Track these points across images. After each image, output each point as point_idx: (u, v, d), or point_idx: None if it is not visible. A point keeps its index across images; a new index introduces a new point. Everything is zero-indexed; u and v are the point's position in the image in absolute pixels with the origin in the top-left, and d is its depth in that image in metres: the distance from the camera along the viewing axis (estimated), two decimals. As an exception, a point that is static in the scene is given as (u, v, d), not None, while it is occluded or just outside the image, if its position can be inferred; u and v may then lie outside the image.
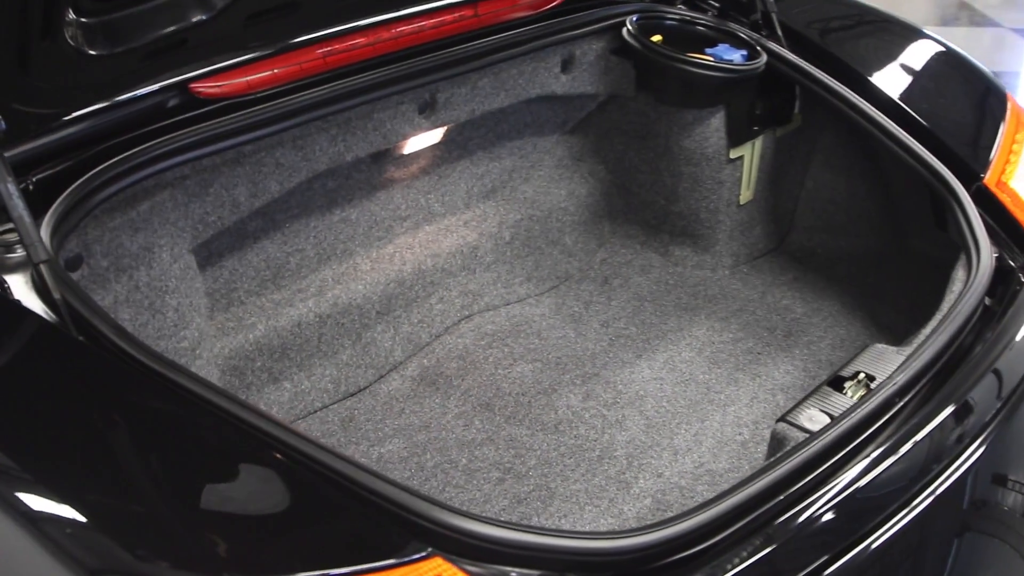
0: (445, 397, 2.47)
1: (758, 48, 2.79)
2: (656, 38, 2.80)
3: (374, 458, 2.29)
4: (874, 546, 1.62)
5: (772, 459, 1.69)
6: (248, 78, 2.18)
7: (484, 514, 2.07)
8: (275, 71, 2.22)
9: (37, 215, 1.78)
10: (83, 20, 1.77)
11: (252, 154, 2.15)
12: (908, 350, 2.00)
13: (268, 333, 2.35)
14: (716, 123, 2.82)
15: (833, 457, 1.68)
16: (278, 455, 1.48)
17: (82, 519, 1.32)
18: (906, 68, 2.74)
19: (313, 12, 2.29)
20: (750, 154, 2.93)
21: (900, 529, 1.69)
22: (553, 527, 2.07)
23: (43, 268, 1.64)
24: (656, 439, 2.34)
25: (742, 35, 2.85)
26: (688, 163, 2.88)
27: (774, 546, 1.54)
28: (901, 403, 1.81)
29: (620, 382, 2.52)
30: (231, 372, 2.29)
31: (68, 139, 1.94)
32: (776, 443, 1.87)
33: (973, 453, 1.81)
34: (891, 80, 2.63)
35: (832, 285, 2.91)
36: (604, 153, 3.04)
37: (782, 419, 1.88)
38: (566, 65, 2.74)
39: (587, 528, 2.12)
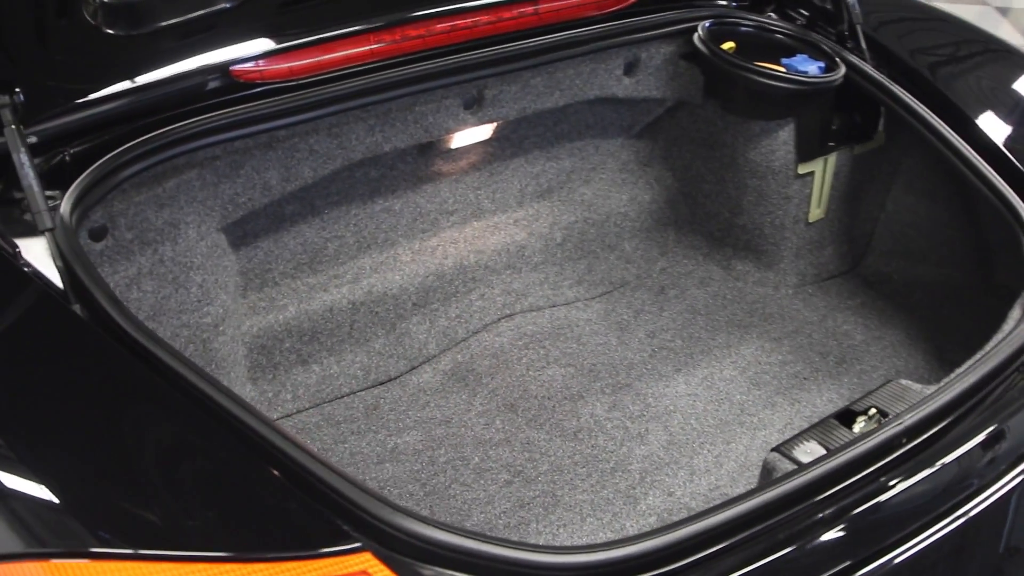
0: (472, 394, 2.46)
1: (837, 60, 2.68)
2: (728, 45, 2.71)
3: (389, 448, 2.30)
4: None
5: (747, 491, 1.61)
6: (291, 64, 2.22)
7: (473, 514, 2.06)
8: (319, 59, 2.25)
9: (67, 186, 1.87)
10: (104, 0, 1.83)
11: (286, 139, 2.19)
12: (932, 388, 1.88)
13: (299, 315, 2.39)
14: (784, 136, 2.72)
15: (820, 494, 1.60)
16: (234, 434, 1.50)
17: (25, 484, 1.37)
18: (1005, 98, 2.58)
19: (364, 1, 2.31)
20: (822, 170, 2.81)
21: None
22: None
23: (47, 236, 1.71)
24: (675, 456, 2.27)
25: (824, 46, 2.74)
26: (753, 176, 2.78)
27: None
28: (909, 444, 1.70)
29: (651, 395, 2.46)
30: (258, 351, 2.34)
31: (108, 114, 2.02)
32: (765, 473, 1.79)
33: (978, 506, 1.69)
34: (985, 110, 2.48)
35: (901, 314, 2.77)
36: (672, 160, 2.97)
37: (776, 448, 1.79)
38: (630, 68, 2.68)
39: (584, 540, 2.08)
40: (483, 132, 2.60)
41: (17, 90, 1.75)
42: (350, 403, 2.44)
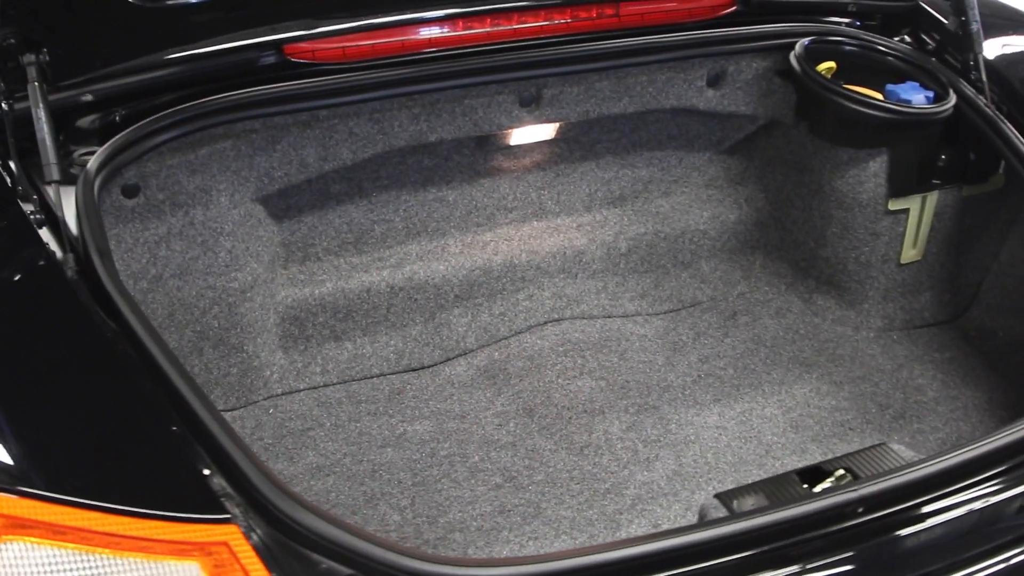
0: (496, 393, 2.44)
1: (949, 91, 2.45)
2: (827, 65, 2.54)
3: (397, 434, 2.32)
4: None
5: (651, 534, 1.53)
6: (345, 46, 2.27)
7: (451, 511, 2.04)
8: (374, 43, 2.29)
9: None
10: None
11: (326, 120, 2.24)
12: (919, 459, 1.71)
13: (335, 292, 2.44)
14: (875, 167, 2.52)
15: (736, 553, 1.50)
16: (151, 391, 1.57)
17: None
18: None
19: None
20: (919, 209, 2.58)
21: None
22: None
23: (50, 189, 1.83)
24: (676, 488, 2.17)
25: (940, 75, 2.51)
26: (839, 206, 2.59)
27: None
28: (861, 517, 1.56)
29: (676, 421, 2.35)
30: (291, 321, 2.42)
31: (162, 80, 2.14)
32: (700, 517, 1.68)
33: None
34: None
35: (991, 375, 2.51)
36: (766, 181, 2.81)
37: (719, 495, 1.68)
38: (716, 80, 2.57)
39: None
40: (546, 131, 2.56)
41: (44, 50, 1.88)
42: (377, 384, 2.48)
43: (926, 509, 1.59)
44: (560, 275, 2.66)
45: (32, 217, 1.83)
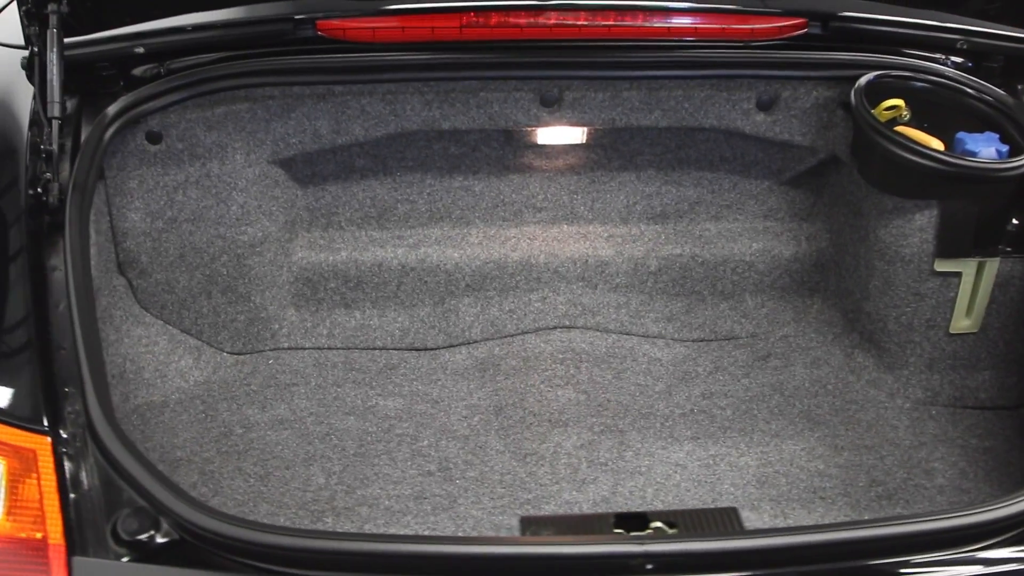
0: (479, 386, 2.45)
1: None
2: (892, 102, 2.31)
3: (367, 406, 2.38)
4: None
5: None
6: (375, 27, 2.35)
7: (372, 486, 2.13)
8: (404, 28, 2.35)
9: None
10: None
11: (340, 95, 2.34)
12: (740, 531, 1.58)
13: (348, 262, 2.55)
14: (921, 221, 2.27)
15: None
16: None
17: None
18: None
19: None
20: (973, 274, 2.30)
21: None
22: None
23: (52, 123, 2.06)
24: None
25: None
26: (881, 258, 2.36)
27: None
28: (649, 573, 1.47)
29: (635, 450, 2.25)
30: (303, 281, 2.55)
31: (205, 41, 2.33)
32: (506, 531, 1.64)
33: None
34: None
35: None
36: (833, 220, 2.60)
37: (525, 518, 1.63)
38: (768, 105, 2.41)
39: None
40: (575, 134, 2.51)
41: (64, 1, 2.11)
42: (376, 356, 2.56)
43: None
44: (579, 283, 2.61)
45: (42, 149, 2.07)
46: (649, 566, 1.47)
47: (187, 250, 2.42)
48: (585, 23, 2.36)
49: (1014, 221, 2.26)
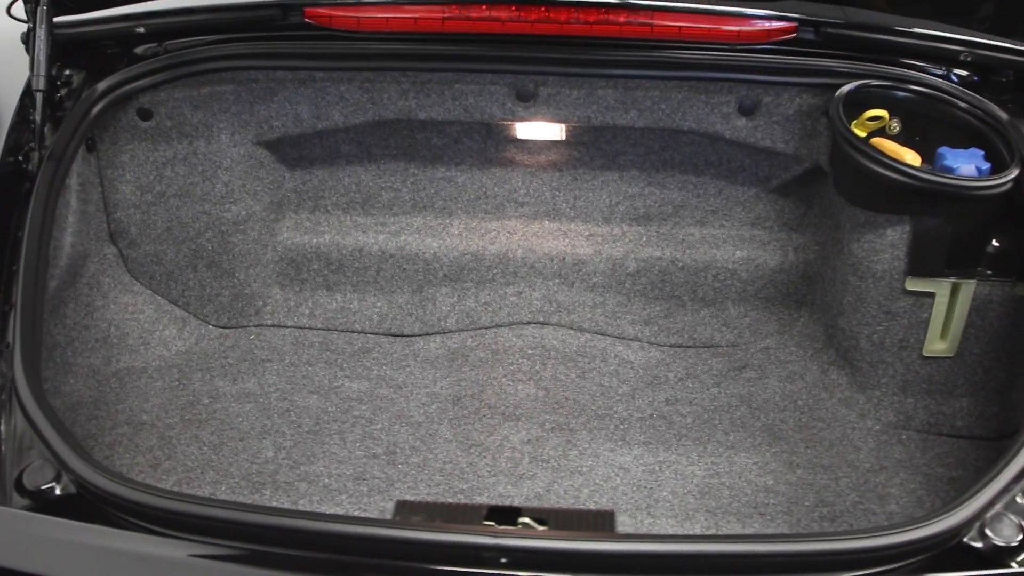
0: (444, 375, 2.47)
1: (1011, 167, 2.07)
2: (874, 113, 2.23)
3: (333, 386, 2.43)
4: None
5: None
6: (360, 17, 2.39)
7: (317, 463, 2.19)
8: (387, 18, 2.39)
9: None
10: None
11: (320, 81, 2.40)
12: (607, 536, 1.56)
13: (331, 245, 2.60)
14: (893, 237, 2.19)
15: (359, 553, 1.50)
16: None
17: None
18: None
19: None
20: (947, 296, 2.20)
21: None
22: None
23: (37, 96, 2.18)
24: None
25: (1018, 144, 2.12)
26: (854, 273, 2.28)
27: None
28: (502, 568, 1.48)
29: (581, 450, 2.24)
30: (287, 261, 2.62)
31: (198, 24, 2.42)
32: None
33: None
34: None
35: None
36: (821, 232, 2.52)
37: (400, 501, 1.64)
38: (749, 109, 2.36)
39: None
40: (554, 131, 2.51)
41: None
42: (351, 339, 2.61)
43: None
44: (555, 279, 2.60)
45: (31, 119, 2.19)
46: (503, 560, 1.47)
47: (174, 224, 2.51)
48: (567, 20, 2.35)
49: (995, 243, 2.16)
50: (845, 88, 2.25)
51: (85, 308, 2.38)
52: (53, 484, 1.63)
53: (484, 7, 2.38)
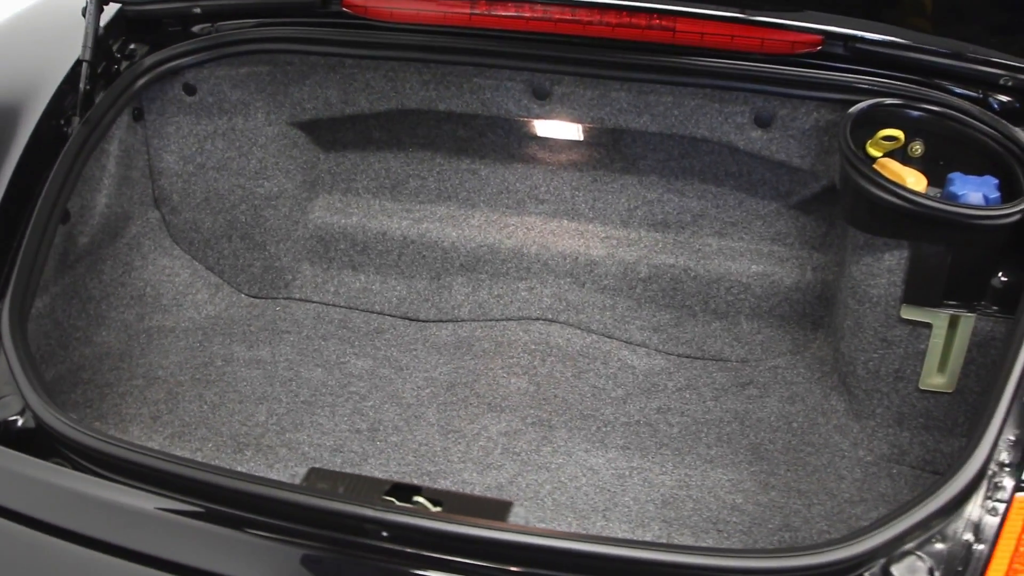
0: (446, 362, 2.52)
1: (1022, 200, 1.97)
2: (890, 132, 2.15)
3: (338, 363, 2.52)
4: None
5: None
6: (393, 8, 2.47)
7: (302, 433, 2.31)
8: (419, 11, 2.46)
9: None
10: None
11: (349, 68, 2.49)
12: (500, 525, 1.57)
13: (357, 227, 2.69)
14: (890, 262, 2.10)
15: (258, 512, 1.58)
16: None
17: None
18: None
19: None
20: (945, 328, 2.10)
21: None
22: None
23: (84, 66, 2.35)
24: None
25: None
26: (853, 295, 2.20)
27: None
28: (383, 540, 1.53)
29: (554, 447, 2.25)
30: (316, 239, 2.73)
31: (248, 7, 2.55)
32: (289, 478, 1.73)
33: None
34: None
35: None
36: (839, 253, 2.44)
37: (313, 468, 1.71)
38: (766, 121, 2.31)
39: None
40: (572, 130, 2.52)
41: None
42: (368, 319, 2.69)
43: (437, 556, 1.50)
44: (566, 278, 2.61)
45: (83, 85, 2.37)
46: (384, 533, 1.52)
47: (212, 195, 2.66)
48: (590, 21, 2.36)
49: (1002, 277, 2.05)
50: (859, 105, 2.18)
51: (124, 266, 2.55)
52: (17, 417, 1.77)
53: (511, 5, 2.42)
